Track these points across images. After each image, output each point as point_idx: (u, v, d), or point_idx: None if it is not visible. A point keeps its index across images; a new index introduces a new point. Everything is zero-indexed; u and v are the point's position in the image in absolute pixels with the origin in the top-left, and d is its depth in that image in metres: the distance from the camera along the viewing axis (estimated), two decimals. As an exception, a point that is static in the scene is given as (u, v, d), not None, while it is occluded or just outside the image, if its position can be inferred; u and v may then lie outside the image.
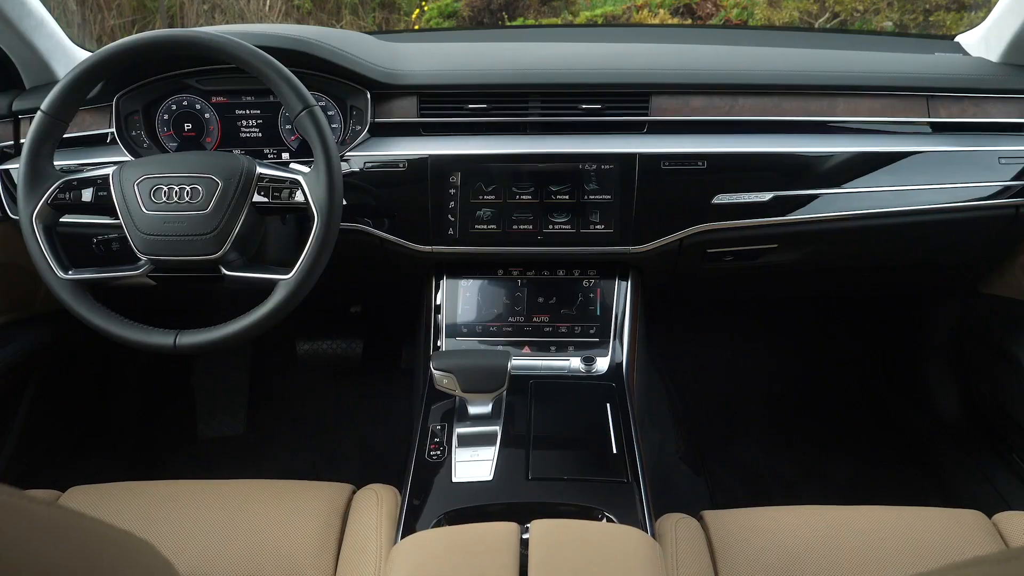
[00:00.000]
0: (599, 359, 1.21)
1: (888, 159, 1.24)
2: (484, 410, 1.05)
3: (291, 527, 0.97)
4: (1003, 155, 1.25)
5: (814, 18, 4.75)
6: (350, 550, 0.96)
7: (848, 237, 1.28)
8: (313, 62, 1.20)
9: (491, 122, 1.25)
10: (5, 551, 0.28)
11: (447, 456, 1.01)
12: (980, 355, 1.57)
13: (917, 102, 1.28)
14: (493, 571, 0.77)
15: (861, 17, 4.71)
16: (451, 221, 1.23)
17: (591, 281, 1.28)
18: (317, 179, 1.05)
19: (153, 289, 1.27)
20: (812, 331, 1.93)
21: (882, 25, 4.63)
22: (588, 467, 1.00)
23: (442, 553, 0.81)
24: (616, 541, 0.83)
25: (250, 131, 1.30)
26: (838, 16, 4.78)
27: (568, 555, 0.80)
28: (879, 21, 4.68)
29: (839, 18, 4.75)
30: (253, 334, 1.06)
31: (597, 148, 1.21)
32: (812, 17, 4.77)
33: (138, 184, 1.06)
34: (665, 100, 1.25)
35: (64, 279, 1.06)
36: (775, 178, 1.22)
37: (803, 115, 1.26)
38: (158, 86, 1.28)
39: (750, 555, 0.93)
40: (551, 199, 1.22)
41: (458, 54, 1.40)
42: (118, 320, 1.07)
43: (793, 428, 1.81)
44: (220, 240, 1.05)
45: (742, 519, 1.00)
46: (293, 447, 1.76)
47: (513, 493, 0.94)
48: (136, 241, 1.06)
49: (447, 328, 1.26)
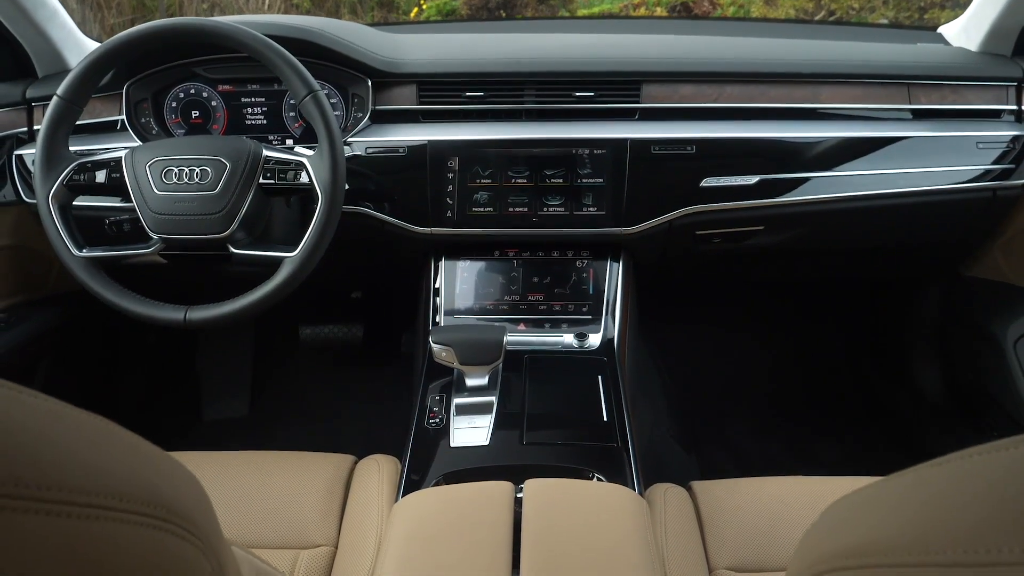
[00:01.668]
0: (591, 335, 1.26)
1: (870, 144, 1.29)
2: (481, 382, 1.10)
3: (296, 494, 1.02)
4: (980, 140, 1.30)
5: (810, 16, 4.79)
6: (353, 513, 1.00)
7: (832, 219, 1.33)
8: (316, 51, 1.25)
9: (488, 109, 1.30)
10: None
11: (446, 424, 1.06)
12: (962, 336, 1.61)
13: (899, 90, 1.32)
14: (489, 525, 0.82)
15: (857, 15, 4.75)
16: (449, 204, 1.28)
17: (584, 262, 1.33)
18: (321, 161, 1.09)
19: (163, 269, 1.32)
20: (801, 316, 1.98)
21: (877, 23, 4.67)
22: (580, 433, 1.05)
23: (441, 508, 0.86)
24: (606, 498, 0.88)
25: (255, 119, 1.35)
26: (834, 14, 4.82)
27: (560, 511, 0.85)
28: (875, 19, 4.72)
29: (835, 16, 4.79)
30: (260, 309, 1.10)
31: (590, 134, 1.26)
32: (808, 15, 4.80)
33: (150, 166, 1.11)
34: (655, 88, 1.30)
35: (79, 256, 1.11)
36: (761, 162, 1.27)
37: (788, 102, 1.31)
38: (167, 75, 1.33)
39: (736, 520, 0.98)
40: (545, 183, 1.27)
41: (456, 44, 1.45)
42: (130, 296, 1.12)
43: (783, 410, 1.86)
44: (228, 219, 1.10)
45: (729, 488, 1.05)
46: (295, 428, 1.81)
47: (508, 456, 0.99)
48: (148, 220, 1.11)
49: (446, 307, 1.31)
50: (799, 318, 1.97)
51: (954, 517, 0.32)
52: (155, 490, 0.37)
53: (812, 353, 1.94)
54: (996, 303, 1.48)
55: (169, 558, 0.37)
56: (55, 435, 0.33)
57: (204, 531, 0.41)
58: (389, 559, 0.80)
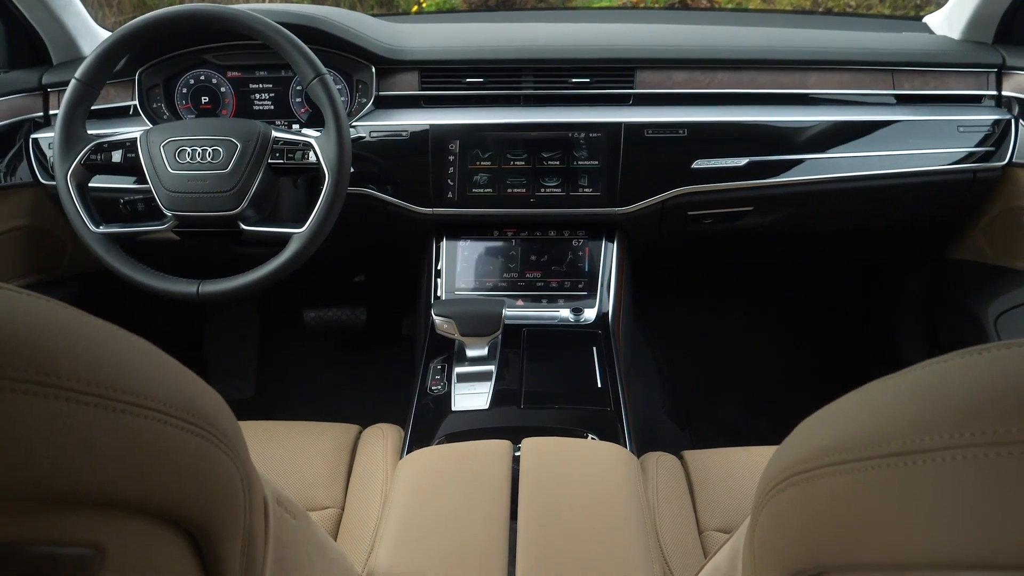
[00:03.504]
0: (587, 310, 1.31)
1: (856, 128, 1.34)
2: (481, 353, 1.15)
3: (303, 460, 1.06)
4: (961, 124, 1.35)
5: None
6: (359, 476, 1.05)
7: (819, 200, 1.38)
8: (323, 38, 1.29)
9: (487, 94, 1.35)
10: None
11: (447, 391, 1.11)
12: (946, 314, 1.67)
13: (883, 76, 1.38)
14: (489, 478, 0.87)
15: (854, 12, 4.79)
16: (450, 185, 1.33)
17: (580, 241, 1.38)
18: (328, 141, 1.14)
19: (173, 248, 1.37)
20: (794, 298, 2.03)
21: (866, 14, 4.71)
22: (576, 398, 1.10)
23: (443, 464, 0.91)
24: (599, 455, 0.93)
25: (263, 104, 1.40)
26: (831, 12, 4.86)
27: (555, 465, 0.90)
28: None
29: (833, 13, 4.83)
30: (269, 283, 1.15)
31: (586, 118, 1.31)
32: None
33: (164, 146, 1.16)
34: (649, 74, 1.35)
35: (96, 232, 1.16)
36: (750, 145, 1.32)
37: (777, 88, 1.36)
38: (177, 61, 1.38)
39: (725, 485, 1.02)
40: (543, 165, 1.32)
41: (456, 33, 1.50)
42: (145, 270, 1.17)
43: (774, 388, 1.91)
44: (239, 197, 1.14)
45: (719, 456, 1.09)
46: (300, 407, 1.86)
47: (507, 419, 1.04)
48: (162, 198, 1.15)
49: (447, 285, 1.36)
50: (792, 300, 2.02)
51: (894, 417, 0.36)
52: (192, 402, 0.41)
53: (804, 334, 1.99)
54: (979, 282, 1.53)
55: (208, 463, 0.41)
56: (113, 345, 0.38)
57: (235, 445, 0.45)
58: (394, 509, 0.85)
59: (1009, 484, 0.29)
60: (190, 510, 0.39)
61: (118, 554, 0.35)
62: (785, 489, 0.43)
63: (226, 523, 0.43)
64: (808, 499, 0.40)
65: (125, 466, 0.34)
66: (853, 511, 0.36)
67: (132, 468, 0.35)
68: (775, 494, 0.44)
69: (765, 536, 0.46)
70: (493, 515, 0.83)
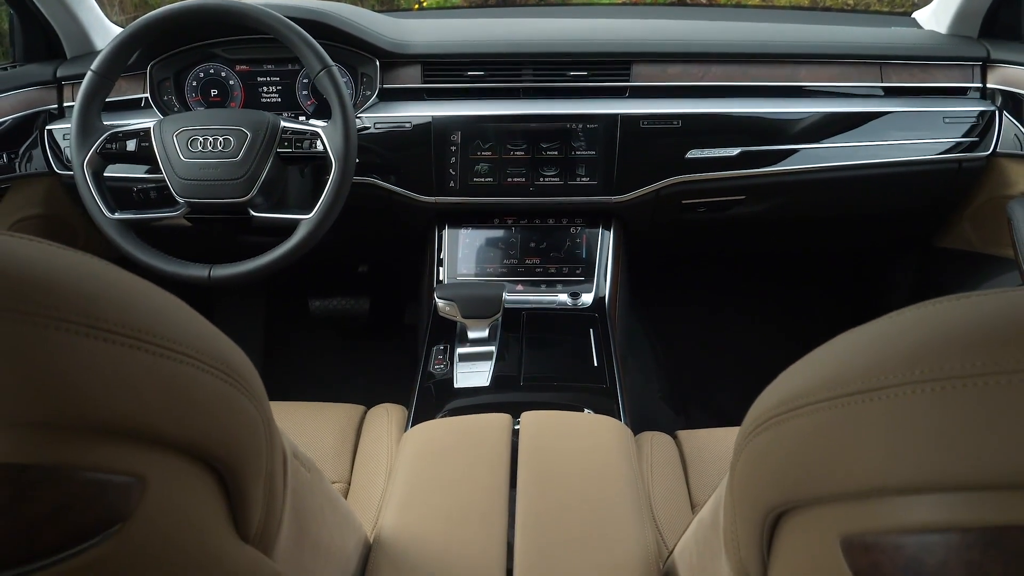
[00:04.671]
0: (584, 294, 1.36)
1: (845, 119, 1.38)
2: (482, 334, 1.20)
3: (310, 438, 1.10)
4: (947, 115, 1.39)
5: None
6: (365, 453, 1.09)
7: (809, 189, 1.42)
8: (330, 32, 1.34)
9: (488, 87, 1.39)
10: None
11: (449, 370, 1.15)
12: (934, 301, 1.71)
13: (871, 69, 1.42)
14: (489, 447, 0.92)
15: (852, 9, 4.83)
16: (452, 175, 1.37)
17: (578, 228, 1.42)
18: (334, 130, 1.19)
19: (184, 236, 1.42)
20: (788, 287, 2.07)
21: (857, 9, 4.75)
22: (573, 376, 1.14)
23: (446, 435, 0.96)
24: (595, 427, 0.98)
25: (270, 97, 1.44)
26: (829, 9, 4.90)
27: (553, 436, 0.94)
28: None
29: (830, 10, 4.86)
30: (278, 267, 1.20)
31: (583, 110, 1.36)
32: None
33: (176, 135, 1.20)
34: (645, 68, 1.39)
35: (111, 218, 1.20)
36: (742, 135, 1.36)
37: (769, 80, 1.40)
38: (187, 55, 1.42)
39: (718, 463, 1.07)
40: (542, 155, 1.37)
41: (458, 28, 1.54)
42: (158, 255, 1.22)
43: (768, 376, 1.94)
44: (249, 185, 1.19)
45: (712, 436, 1.14)
46: (305, 391, 1.90)
47: (507, 396, 1.08)
48: (175, 186, 1.20)
49: (449, 271, 1.41)
50: (784, 289, 2.07)
51: (855, 361, 0.41)
52: (220, 352, 0.45)
53: (796, 321, 2.03)
54: (965, 269, 1.57)
55: (234, 408, 0.45)
56: (153, 297, 0.42)
57: (258, 394, 0.49)
58: (399, 476, 0.90)
59: (953, 414, 0.33)
60: (218, 449, 0.43)
61: (157, 485, 0.38)
62: (760, 434, 0.47)
63: (249, 464, 0.47)
64: (780, 440, 0.44)
65: (162, 404, 0.38)
66: (819, 447, 0.40)
67: (168, 406, 0.39)
68: (751, 439, 0.48)
69: (742, 480, 0.50)
70: (494, 482, 0.87)
